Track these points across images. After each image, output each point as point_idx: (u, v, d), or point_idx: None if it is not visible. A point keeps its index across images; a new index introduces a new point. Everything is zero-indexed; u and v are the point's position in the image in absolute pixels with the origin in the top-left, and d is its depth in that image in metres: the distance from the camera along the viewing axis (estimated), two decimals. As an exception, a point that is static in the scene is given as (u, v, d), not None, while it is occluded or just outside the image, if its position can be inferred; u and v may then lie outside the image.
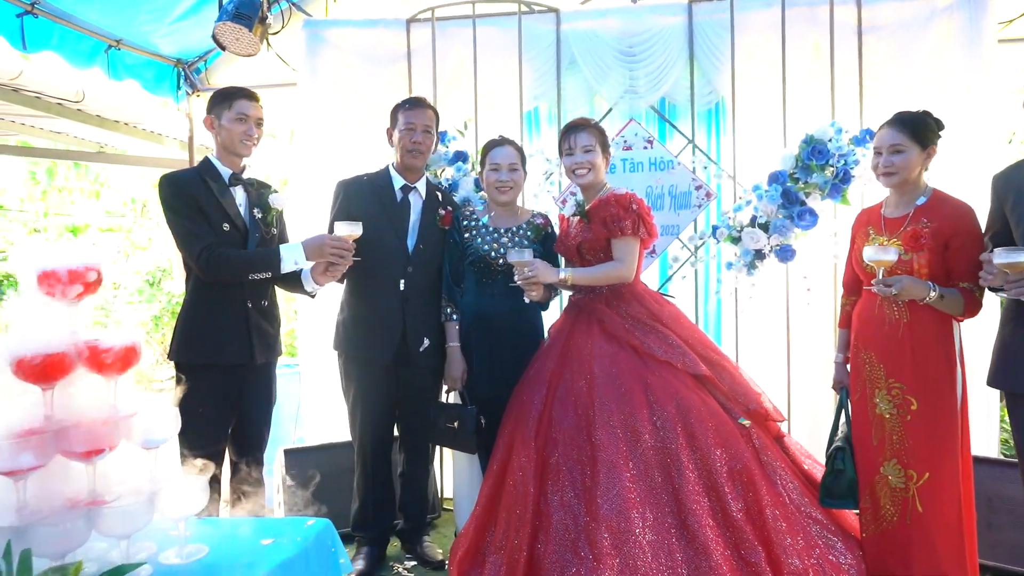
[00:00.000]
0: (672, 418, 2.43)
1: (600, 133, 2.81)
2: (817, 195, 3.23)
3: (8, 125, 4.66)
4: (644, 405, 2.46)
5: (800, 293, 3.38)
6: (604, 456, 2.37)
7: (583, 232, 2.76)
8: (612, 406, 2.47)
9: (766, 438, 2.57)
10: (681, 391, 2.50)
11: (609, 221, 2.65)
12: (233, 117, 2.60)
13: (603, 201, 2.70)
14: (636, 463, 2.36)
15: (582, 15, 3.62)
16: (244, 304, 2.56)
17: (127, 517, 1.23)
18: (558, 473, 2.44)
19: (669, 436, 2.41)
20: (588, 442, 2.44)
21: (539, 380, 2.67)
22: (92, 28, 3.34)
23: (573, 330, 2.75)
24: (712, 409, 2.50)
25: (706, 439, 2.40)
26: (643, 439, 2.41)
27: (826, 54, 3.43)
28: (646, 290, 2.85)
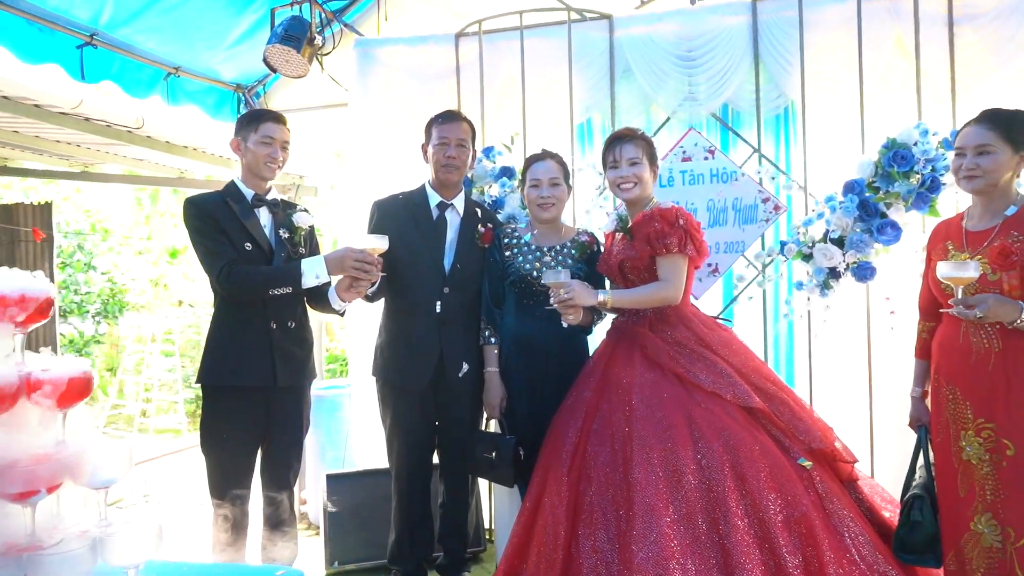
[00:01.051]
0: (719, 457, 2.15)
1: (647, 144, 2.60)
2: (900, 206, 2.88)
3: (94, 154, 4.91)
4: (688, 441, 2.20)
5: (883, 316, 3.02)
6: (641, 498, 2.12)
7: (626, 250, 2.55)
8: (652, 442, 2.22)
9: (832, 482, 2.25)
10: (730, 426, 2.23)
11: (653, 238, 2.44)
12: (259, 140, 2.56)
13: (647, 216, 2.49)
14: (677, 507, 2.10)
15: (636, 20, 3.42)
16: (267, 325, 2.50)
17: (66, 565, 1.14)
18: (591, 514, 2.21)
19: (715, 477, 2.13)
20: (624, 481, 2.20)
21: (575, 410, 2.47)
22: (151, 57, 3.43)
23: (613, 356, 2.53)
24: (766, 448, 2.21)
25: (758, 482, 2.11)
26: (685, 480, 2.14)
27: (910, 49, 3.08)
28: (695, 313, 2.61)
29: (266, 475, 2.62)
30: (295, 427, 2.64)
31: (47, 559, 1.13)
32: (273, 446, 2.59)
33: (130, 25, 3.18)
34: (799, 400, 2.46)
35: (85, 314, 9.27)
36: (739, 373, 2.36)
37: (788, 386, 2.52)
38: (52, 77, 3.09)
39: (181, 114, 3.73)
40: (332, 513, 3.24)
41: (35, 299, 1.20)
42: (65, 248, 9.13)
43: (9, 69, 2.96)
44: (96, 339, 9.26)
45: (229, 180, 2.67)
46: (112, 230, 10.24)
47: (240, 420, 2.48)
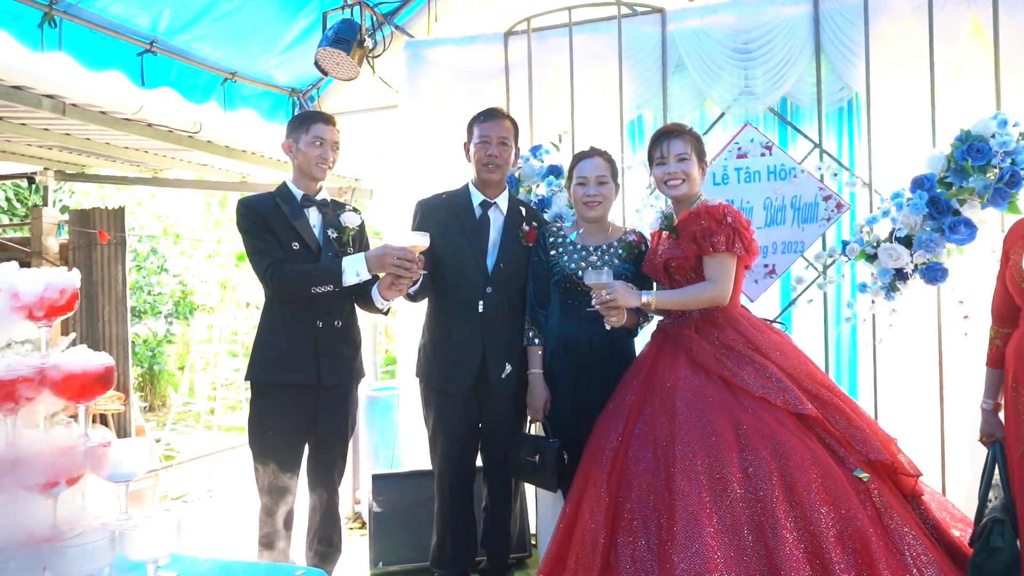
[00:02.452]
0: (767, 465, 2.03)
1: (696, 140, 2.51)
2: (975, 203, 2.68)
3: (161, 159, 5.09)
4: (734, 448, 2.08)
5: (955, 321, 2.82)
6: (683, 506, 2.01)
7: (671, 249, 2.46)
8: (696, 448, 2.11)
9: (892, 496, 2.09)
10: (779, 433, 2.10)
11: (699, 236, 2.34)
12: (309, 141, 2.57)
13: (693, 214, 2.39)
14: (721, 517, 1.98)
15: (690, 13, 3.30)
16: (313, 324, 2.51)
17: (84, 556, 1.14)
18: (631, 522, 2.12)
19: (763, 486, 2.01)
20: (666, 488, 2.10)
21: (617, 414, 2.38)
22: (207, 62, 3.52)
23: (658, 359, 2.44)
24: (818, 457, 2.07)
25: (809, 493, 1.98)
26: (731, 488, 2.02)
27: (988, 35, 2.87)
28: (744, 314, 2.49)
29: (312, 475, 2.63)
30: (341, 426, 2.64)
31: (66, 550, 1.13)
32: (318, 445, 2.60)
33: (187, 32, 3.27)
34: (857, 408, 2.32)
35: (158, 315, 9.67)
36: (790, 377, 2.24)
37: (845, 393, 2.38)
38: (114, 84, 3.20)
39: (237, 119, 3.82)
40: (377, 513, 3.24)
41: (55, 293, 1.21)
42: (140, 252, 9.54)
43: (74, 77, 3.09)
44: (168, 339, 9.64)
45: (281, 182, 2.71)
46: (182, 234, 10.66)
47: (285, 418, 2.49)
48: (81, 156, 5.16)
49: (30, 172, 5.89)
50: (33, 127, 4.01)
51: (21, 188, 9.67)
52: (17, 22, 2.73)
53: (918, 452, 2.92)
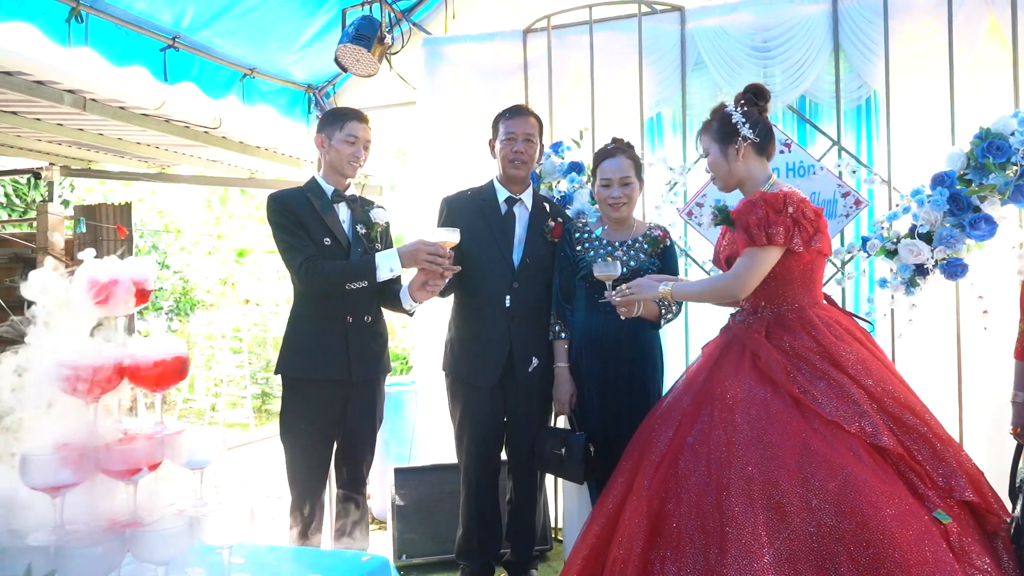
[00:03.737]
0: (833, 498, 1.80)
1: (720, 124, 2.30)
2: (995, 199, 2.72)
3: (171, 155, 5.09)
4: (796, 475, 1.86)
5: (975, 316, 2.87)
6: (736, 534, 1.80)
7: (731, 243, 2.33)
8: (753, 471, 1.89)
9: (976, 542, 1.85)
10: (850, 465, 1.85)
11: (753, 226, 2.12)
12: (343, 138, 2.58)
13: (750, 202, 2.18)
14: (778, 550, 1.76)
15: (709, 11, 3.34)
16: (343, 319, 2.53)
17: (165, 542, 1.17)
18: (679, 540, 1.91)
19: (826, 521, 1.78)
20: (717, 510, 1.88)
21: (670, 417, 2.21)
22: (228, 58, 3.53)
23: (721, 362, 2.22)
24: (897, 494, 1.83)
25: (883, 533, 1.74)
26: (791, 520, 1.80)
27: (1006, 33, 2.92)
28: (824, 316, 2.20)
29: (341, 468, 2.65)
30: (370, 420, 2.66)
31: (147, 536, 1.15)
32: (348, 439, 2.62)
33: (209, 28, 3.28)
34: (944, 435, 2.05)
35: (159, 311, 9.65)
36: (871, 398, 2.00)
37: (933, 416, 2.09)
38: (137, 79, 3.21)
39: (256, 114, 3.83)
40: (400, 507, 3.26)
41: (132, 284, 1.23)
42: (141, 248, 9.52)
43: (98, 72, 3.09)
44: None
45: (309, 177, 2.72)
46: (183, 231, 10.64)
47: (316, 412, 2.51)
48: (90, 152, 5.15)
49: (36, 167, 5.86)
50: (48, 122, 4.01)
51: (19, 184, 9.62)
52: (45, 16, 2.73)
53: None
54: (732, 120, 2.27)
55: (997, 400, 2.85)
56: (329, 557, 1.48)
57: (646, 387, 2.68)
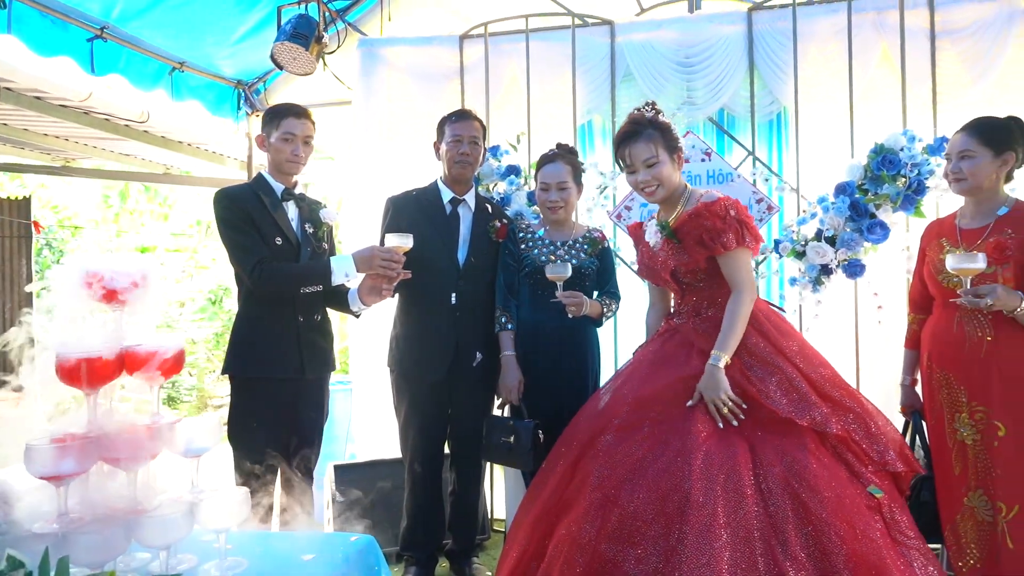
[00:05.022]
0: (780, 481, 1.92)
1: (662, 132, 2.29)
2: (888, 207, 3.06)
3: (81, 148, 4.86)
4: (748, 462, 1.96)
5: (870, 311, 3.21)
6: (697, 518, 1.86)
7: (676, 255, 2.30)
8: (717, 460, 1.96)
9: (902, 510, 2.00)
10: (793, 451, 1.98)
11: (707, 238, 2.20)
12: (280, 136, 2.57)
13: (693, 214, 2.23)
14: (735, 531, 1.84)
15: (637, 27, 3.55)
16: (295, 318, 2.55)
17: (167, 527, 1.21)
18: (635, 526, 1.93)
19: (776, 503, 1.89)
20: (676, 493, 1.93)
21: (616, 409, 2.22)
22: (157, 51, 3.45)
23: (670, 359, 2.25)
24: (836, 477, 1.97)
25: (822, 512, 1.87)
26: (745, 504, 1.88)
27: (896, 60, 3.28)
28: (766, 310, 2.32)
29: (289, 463, 2.66)
30: (318, 417, 2.69)
31: (149, 522, 1.19)
32: (298, 436, 2.63)
33: (140, 19, 3.21)
34: (873, 409, 2.16)
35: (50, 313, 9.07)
36: (814, 387, 2.11)
37: (855, 391, 2.24)
38: (64, 70, 3.09)
39: (184, 109, 3.75)
40: (340, 502, 3.29)
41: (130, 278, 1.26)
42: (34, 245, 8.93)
43: (22, 61, 2.97)
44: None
45: (235, 173, 2.71)
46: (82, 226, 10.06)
47: (268, 410, 2.52)
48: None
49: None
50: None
51: None
52: (-33, 2, 2.62)
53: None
54: (673, 131, 2.33)
55: (888, 384, 3.21)
56: (319, 539, 1.54)
57: (585, 378, 2.84)
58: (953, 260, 2.09)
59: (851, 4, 3.29)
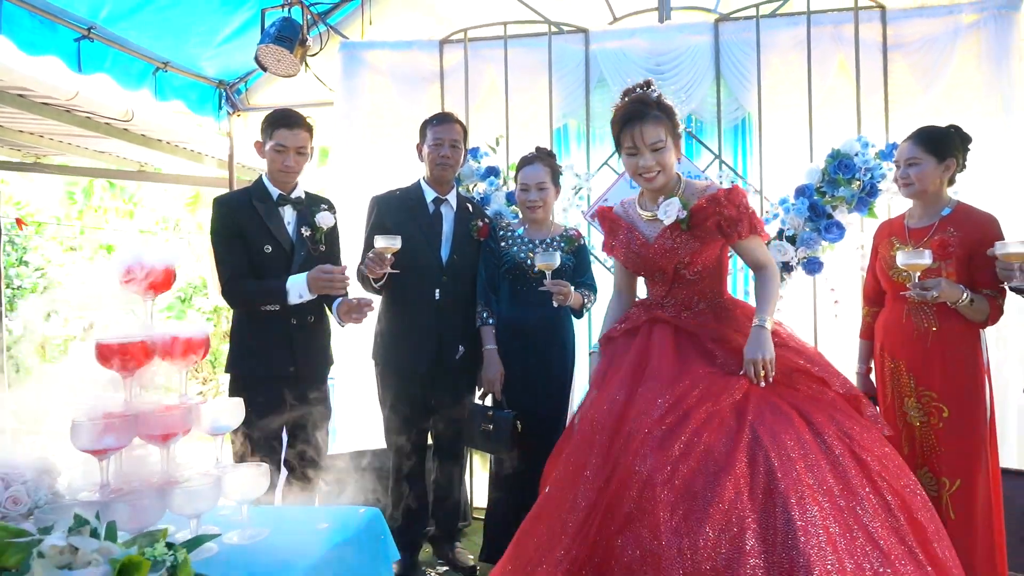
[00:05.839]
0: (840, 445, 1.90)
1: (669, 116, 2.22)
2: (844, 208, 3.28)
3: (56, 145, 4.86)
4: (807, 430, 1.91)
5: (827, 305, 3.43)
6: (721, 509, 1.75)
7: (685, 245, 2.19)
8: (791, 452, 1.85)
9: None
10: (835, 415, 1.98)
11: (726, 226, 2.14)
12: (272, 147, 2.62)
13: (711, 200, 2.15)
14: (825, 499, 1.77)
15: (610, 35, 3.72)
16: (288, 321, 2.62)
17: (197, 497, 1.32)
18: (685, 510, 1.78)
19: (844, 466, 1.85)
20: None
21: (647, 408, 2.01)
22: (142, 51, 3.51)
23: (686, 353, 2.14)
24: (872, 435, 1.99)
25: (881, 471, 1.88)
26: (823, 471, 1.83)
27: (852, 71, 3.50)
28: (740, 307, 2.31)
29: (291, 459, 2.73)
30: (317, 413, 2.73)
31: (181, 493, 1.30)
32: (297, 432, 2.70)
33: (128, 20, 3.27)
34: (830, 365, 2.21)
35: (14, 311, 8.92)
36: (810, 359, 2.14)
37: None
38: (51, 69, 3.14)
39: (167, 108, 3.81)
40: (325, 492, 3.38)
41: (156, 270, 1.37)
42: (-5, 243, 8.77)
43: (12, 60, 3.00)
44: (27, 336, 8.92)
45: (214, 172, 2.77)
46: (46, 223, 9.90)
47: (263, 408, 2.56)
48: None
49: None
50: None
51: None
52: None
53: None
54: (678, 115, 2.25)
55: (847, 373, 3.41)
56: (331, 511, 1.66)
57: (563, 371, 3.01)
58: (903, 257, 2.29)
59: (810, 17, 3.50)
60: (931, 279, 2.31)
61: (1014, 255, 2.11)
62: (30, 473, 1.24)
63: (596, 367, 2.38)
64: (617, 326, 2.36)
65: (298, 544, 1.40)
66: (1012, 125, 3.30)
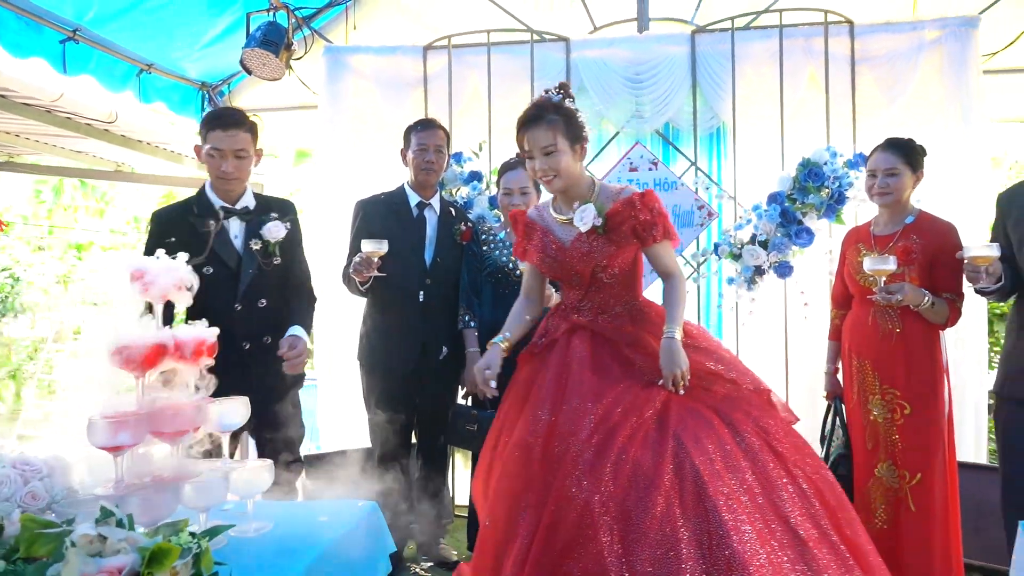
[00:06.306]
0: (758, 442, 1.99)
1: (566, 120, 2.14)
2: (813, 215, 3.42)
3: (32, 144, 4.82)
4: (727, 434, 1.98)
5: (798, 307, 3.57)
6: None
7: (601, 249, 2.16)
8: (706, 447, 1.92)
9: None
10: (752, 412, 2.07)
11: (641, 229, 2.14)
12: (207, 151, 2.38)
13: (627, 203, 2.14)
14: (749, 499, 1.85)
15: (591, 44, 3.83)
16: (240, 345, 2.47)
17: (208, 491, 1.38)
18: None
19: (762, 461, 1.94)
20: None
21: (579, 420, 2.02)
22: (127, 53, 3.52)
23: (607, 362, 2.12)
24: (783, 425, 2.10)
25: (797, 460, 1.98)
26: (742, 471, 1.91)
27: (821, 82, 3.65)
28: (655, 310, 2.28)
29: None
30: (284, 432, 2.65)
31: (192, 487, 1.36)
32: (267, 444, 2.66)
33: (115, 22, 3.28)
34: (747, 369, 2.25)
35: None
36: (723, 361, 2.18)
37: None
38: (37, 70, 3.15)
39: (151, 110, 3.82)
40: (310, 491, 3.43)
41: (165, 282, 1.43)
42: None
43: (1, 62, 3.01)
44: (-5, 338, 8.77)
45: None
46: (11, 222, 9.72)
47: None
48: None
49: None
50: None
51: None
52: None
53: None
54: (579, 119, 2.19)
55: (814, 372, 3.57)
56: (329, 505, 1.73)
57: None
58: (869, 262, 2.42)
59: (782, 31, 3.65)
60: (896, 283, 2.44)
61: (981, 258, 2.22)
62: (47, 469, 1.29)
63: (515, 378, 2.35)
64: (538, 340, 2.32)
65: (303, 536, 1.46)
66: (970, 135, 3.48)
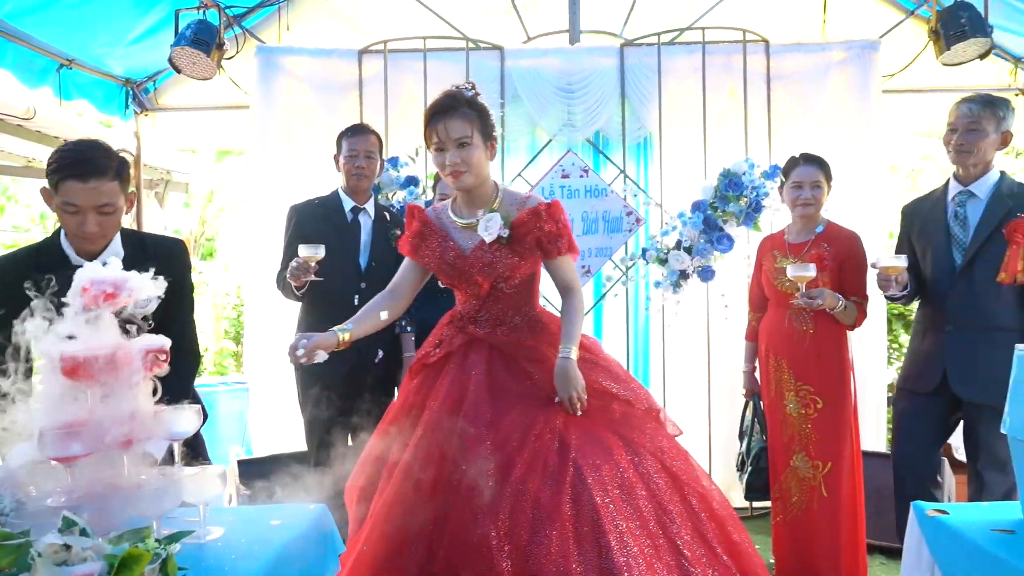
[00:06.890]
0: (655, 463, 1.96)
1: (480, 116, 2.07)
2: (733, 222, 3.63)
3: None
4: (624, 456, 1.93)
5: (719, 309, 3.78)
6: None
7: (504, 259, 2.04)
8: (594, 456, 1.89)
9: None
10: (648, 431, 2.03)
11: (546, 240, 2.04)
12: (59, 204, 1.87)
13: (533, 213, 2.04)
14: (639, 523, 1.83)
15: (524, 53, 3.93)
16: None
17: (160, 499, 1.38)
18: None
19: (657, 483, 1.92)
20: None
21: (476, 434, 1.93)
22: (46, 47, 3.38)
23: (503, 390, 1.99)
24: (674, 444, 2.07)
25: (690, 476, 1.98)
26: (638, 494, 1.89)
27: (740, 97, 3.87)
28: (550, 318, 2.20)
29: None
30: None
31: (144, 495, 1.37)
32: None
33: (34, 15, 3.16)
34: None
35: None
36: (615, 377, 2.11)
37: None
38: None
39: (72, 107, 3.68)
40: (244, 495, 3.40)
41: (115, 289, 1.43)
42: None
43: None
44: None
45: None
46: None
47: None
48: None
49: None
50: None
51: None
52: None
53: (691, 406, 3.85)
54: (492, 118, 2.12)
55: (733, 370, 3.79)
56: (281, 508, 1.75)
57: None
58: (792, 270, 2.62)
59: (705, 47, 3.85)
60: (815, 289, 2.65)
61: (891, 268, 2.47)
62: (-6, 482, 1.28)
63: (405, 386, 2.27)
64: (431, 350, 2.20)
65: (257, 539, 1.49)
66: (871, 148, 3.78)
